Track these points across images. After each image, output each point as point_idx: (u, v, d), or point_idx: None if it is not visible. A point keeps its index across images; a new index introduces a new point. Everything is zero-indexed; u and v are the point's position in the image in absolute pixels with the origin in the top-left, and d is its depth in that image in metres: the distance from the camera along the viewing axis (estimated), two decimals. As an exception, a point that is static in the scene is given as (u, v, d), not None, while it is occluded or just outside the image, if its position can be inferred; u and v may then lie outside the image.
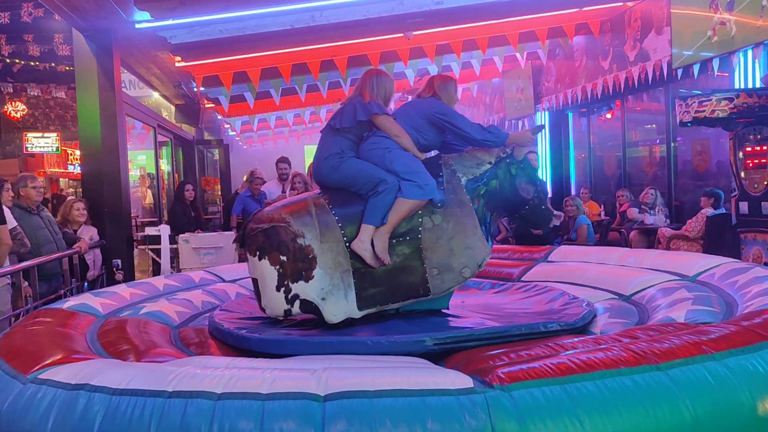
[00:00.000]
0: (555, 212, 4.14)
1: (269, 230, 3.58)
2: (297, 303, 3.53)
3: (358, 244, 3.57)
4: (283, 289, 3.53)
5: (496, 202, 3.92)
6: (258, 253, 3.59)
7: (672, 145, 8.87)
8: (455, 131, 3.89)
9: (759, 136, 5.92)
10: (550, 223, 4.17)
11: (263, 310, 3.68)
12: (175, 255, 7.69)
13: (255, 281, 3.70)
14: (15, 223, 5.17)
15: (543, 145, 11.93)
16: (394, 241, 3.62)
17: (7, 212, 5.13)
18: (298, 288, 3.52)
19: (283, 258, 3.53)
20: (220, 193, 13.62)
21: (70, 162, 19.08)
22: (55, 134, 16.76)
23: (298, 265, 3.52)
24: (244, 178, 12.36)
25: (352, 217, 3.63)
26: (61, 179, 19.93)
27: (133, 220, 9.61)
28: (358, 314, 3.58)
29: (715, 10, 6.94)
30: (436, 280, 3.64)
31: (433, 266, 3.63)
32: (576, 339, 2.88)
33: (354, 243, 3.58)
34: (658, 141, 9.51)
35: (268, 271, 3.55)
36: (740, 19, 6.53)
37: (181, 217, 8.40)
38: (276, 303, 3.56)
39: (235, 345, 3.42)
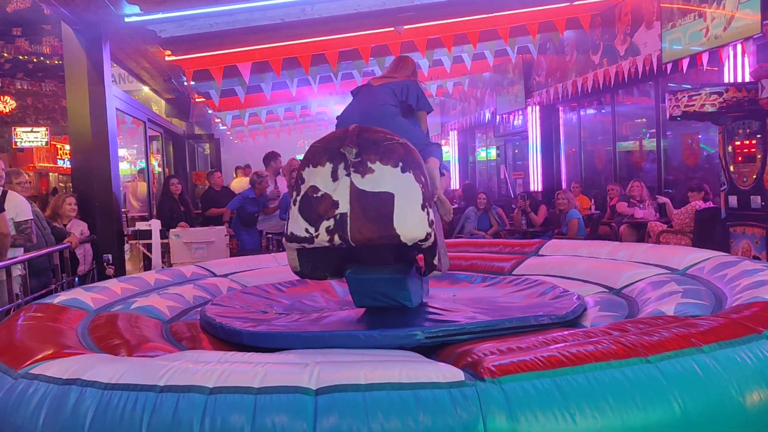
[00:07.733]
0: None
1: (408, 146, 3.34)
2: (432, 230, 3.27)
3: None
4: (425, 210, 3.25)
5: None
6: (401, 164, 3.25)
7: (662, 139, 8.91)
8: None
9: (748, 130, 5.95)
10: None
11: (393, 230, 3.19)
12: (166, 250, 7.67)
13: (374, 196, 3.22)
14: (30, 216, 5.12)
15: (534, 140, 11.96)
16: None
17: (23, 204, 5.09)
18: (431, 215, 3.30)
19: (423, 180, 3.30)
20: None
21: (59, 157, 18.97)
22: (44, 128, 16.66)
23: (429, 192, 3.34)
24: (234, 175, 12.27)
25: None
26: (50, 173, 19.82)
27: (124, 215, 9.56)
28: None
29: (705, 4, 6.97)
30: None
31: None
32: (566, 332, 2.89)
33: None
34: (648, 135, 9.55)
35: (413, 186, 3.24)
36: (730, 14, 6.56)
37: (169, 212, 8.36)
38: (420, 222, 3.22)
39: (226, 339, 3.41)
